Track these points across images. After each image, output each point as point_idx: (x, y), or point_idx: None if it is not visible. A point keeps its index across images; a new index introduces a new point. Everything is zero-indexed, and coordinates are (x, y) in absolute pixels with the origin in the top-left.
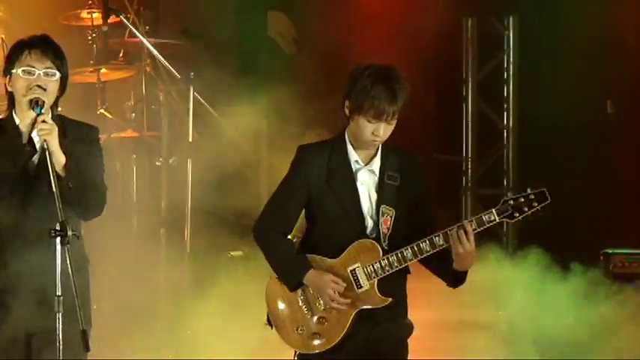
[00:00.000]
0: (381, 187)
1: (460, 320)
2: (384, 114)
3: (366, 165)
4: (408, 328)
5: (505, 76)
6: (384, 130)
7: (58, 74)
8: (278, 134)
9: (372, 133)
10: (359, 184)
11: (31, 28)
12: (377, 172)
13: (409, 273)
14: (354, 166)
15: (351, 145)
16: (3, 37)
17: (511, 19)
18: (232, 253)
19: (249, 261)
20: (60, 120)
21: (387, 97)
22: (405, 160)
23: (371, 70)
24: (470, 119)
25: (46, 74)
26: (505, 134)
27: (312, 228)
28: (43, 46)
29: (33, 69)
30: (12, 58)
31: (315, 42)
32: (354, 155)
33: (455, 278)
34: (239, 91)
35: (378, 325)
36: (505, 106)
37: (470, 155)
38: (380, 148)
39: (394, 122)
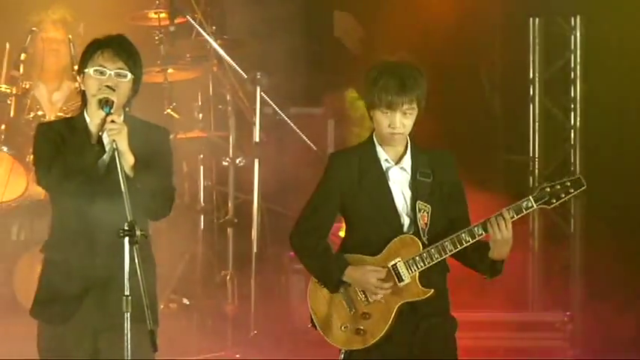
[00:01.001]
0: (414, 184)
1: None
2: (395, 103)
3: (396, 163)
4: (454, 323)
5: (572, 75)
6: (400, 120)
7: (129, 75)
8: (344, 134)
9: (389, 125)
10: (391, 183)
11: (98, 28)
12: (409, 170)
13: (449, 271)
14: (384, 165)
15: (380, 145)
16: (70, 36)
17: (578, 18)
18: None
19: None
20: (130, 120)
21: (395, 87)
22: (435, 157)
23: (379, 64)
24: (536, 119)
25: (118, 75)
26: (572, 134)
27: (350, 230)
28: (116, 46)
29: (104, 69)
30: (85, 57)
31: (381, 41)
32: (383, 155)
33: (492, 268)
34: (306, 91)
35: (423, 320)
36: (572, 105)
37: (537, 155)
38: (409, 148)
39: (412, 113)
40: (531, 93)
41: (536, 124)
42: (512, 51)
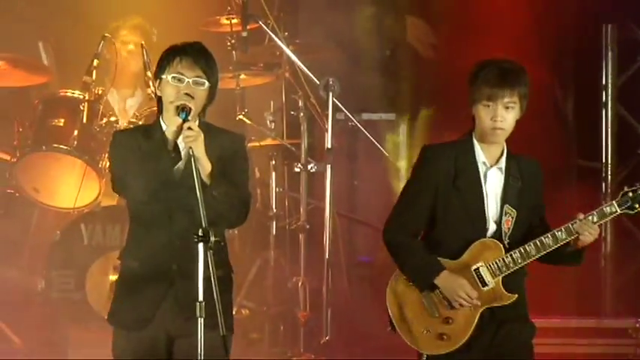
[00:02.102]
0: (506, 187)
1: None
2: (495, 95)
3: (492, 165)
4: (532, 329)
5: None
6: (502, 114)
7: (207, 83)
8: (417, 140)
9: (491, 118)
10: (486, 187)
11: (171, 35)
12: (504, 171)
13: (527, 275)
14: (481, 168)
15: (479, 145)
16: (142, 42)
17: None
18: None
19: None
20: (206, 127)
21: (496, 78)
22: (524, 163)
23: (484, 61)
24: (609, 125)
25: (195, 83)
26: None
27: (433, 228)
28: (195, 53)
29: (182, 76)
30: (163, 64)
31: (453, 47)
32: (481, 156)
33: (579, 254)
34: (378, 97)
35: (502, 326)
36: None
37: (610, 161)
38: (505, 149)
39: (514, 107)
40: (604, 99)
41: (609, 130)
42: (585, 57)
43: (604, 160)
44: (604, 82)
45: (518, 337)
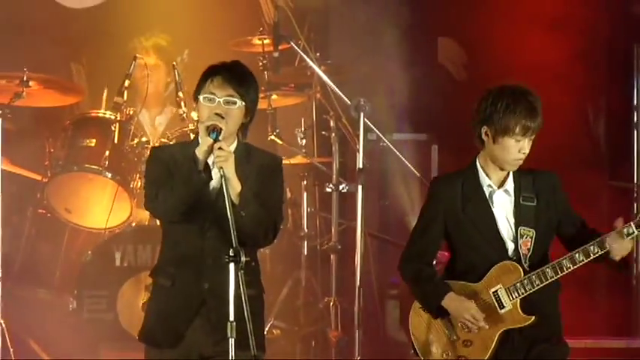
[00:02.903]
0: (517, 209)
1: None
2: (530, 130)
3: (499, 187)
4: (565, 350)
5: None
6: (528, 146)
7: (239, 102)
8: (448, 161)
9: (519, 151)
10: (495, 208)
11: (202, 54)
12: (512, 193)
13: (560, 292)
14: (487, 191)
15: (483, 170)
16: (175, 63)
17: None
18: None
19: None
20: (245, 147)
21: (530, 113)
22: (539, 178)
23: (507, 91)
24: None
25: (227, 102)
26: None
27: (454, 256)
28: (226, 73)
29: (213, 96)
30: (199, 85)
31: (486, 68)
32: (486, 180)
33: (622, 265)
34: (409, 118)
35: (533, 347)
36: None
37: None
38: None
39: (533, 138)
40: (635, 119)
41: None
42: (617, 77)
43: (636, 181)
44: (635, 102)
45: (550, 358)
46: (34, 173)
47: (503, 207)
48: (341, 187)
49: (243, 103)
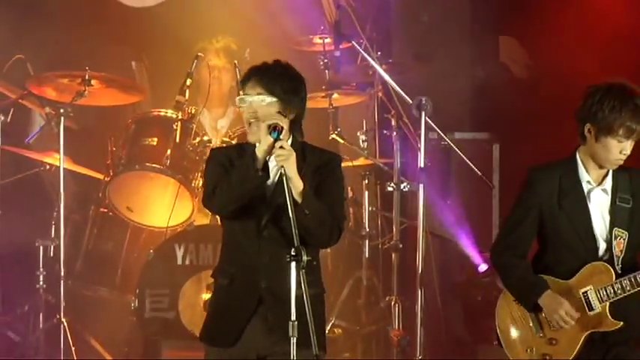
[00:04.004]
0: (613, 209)
1: None
2: (634, 133)
3: (598, 185)
4: None
5: None
6: (630, 147)
7: (267, 99)
8: (510, 159)
9: (621, 152)
10: (591, 206)
11: (264, 54)
12: (609, 192)
13: None
14: (585, 187)
15: (584, 166)
16: (236, 62)
17: None
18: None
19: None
20: (302, 146)
21: (636, 116)
22: (635, 179)
23: (615, 91)
24: None
25: (256, 101)
26: None
27: (543, 249)
28: (257, 73)
29: (245, 97)
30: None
31: (547, 67)
32: (585, 176)
33: None
34: (471, 116)
35: (611, 350)
36: None
37: None
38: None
39: (637, 139)
40: None
41: None
42: None
43: None
44: None
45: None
46: (96, 172)
47: (599, 206)
48: (402, 186)
49: (274, 99)
